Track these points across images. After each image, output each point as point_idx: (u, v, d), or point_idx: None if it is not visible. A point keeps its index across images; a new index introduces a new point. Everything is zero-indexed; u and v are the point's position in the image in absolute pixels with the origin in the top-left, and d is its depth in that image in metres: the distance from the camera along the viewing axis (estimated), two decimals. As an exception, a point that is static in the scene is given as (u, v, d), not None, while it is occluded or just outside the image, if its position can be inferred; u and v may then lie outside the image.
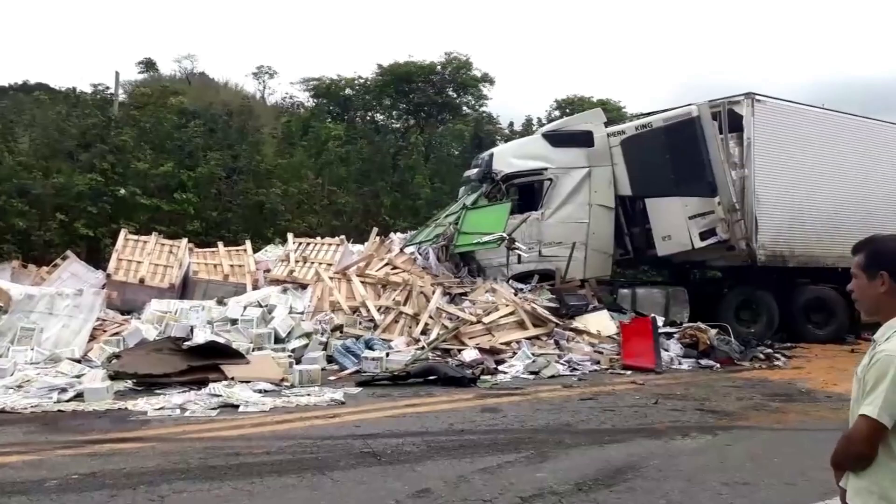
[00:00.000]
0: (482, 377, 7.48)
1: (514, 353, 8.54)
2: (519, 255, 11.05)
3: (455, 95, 32.80)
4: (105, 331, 8.40)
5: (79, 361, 7.52)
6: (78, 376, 6.84)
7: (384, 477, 4.21)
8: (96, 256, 12.22)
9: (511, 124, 25.39)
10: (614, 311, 10.64)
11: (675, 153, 11.37)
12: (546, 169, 11.84)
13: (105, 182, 13.57)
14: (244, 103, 22.27)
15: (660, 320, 9.78)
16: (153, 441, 5.01)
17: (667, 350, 9.21)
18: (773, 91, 26.51)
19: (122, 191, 13.69)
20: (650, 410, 6.32)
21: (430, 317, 9.35)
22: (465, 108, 32.57)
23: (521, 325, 9.33)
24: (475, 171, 12.57)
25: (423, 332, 9.11)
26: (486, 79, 32.50)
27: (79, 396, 6.21)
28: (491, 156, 12.33)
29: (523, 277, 11.16)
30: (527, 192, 12.14)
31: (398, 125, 31.67)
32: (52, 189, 13.15)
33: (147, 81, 34.51)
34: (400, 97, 32.37)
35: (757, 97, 11.47)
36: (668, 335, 9.75)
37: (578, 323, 9.75)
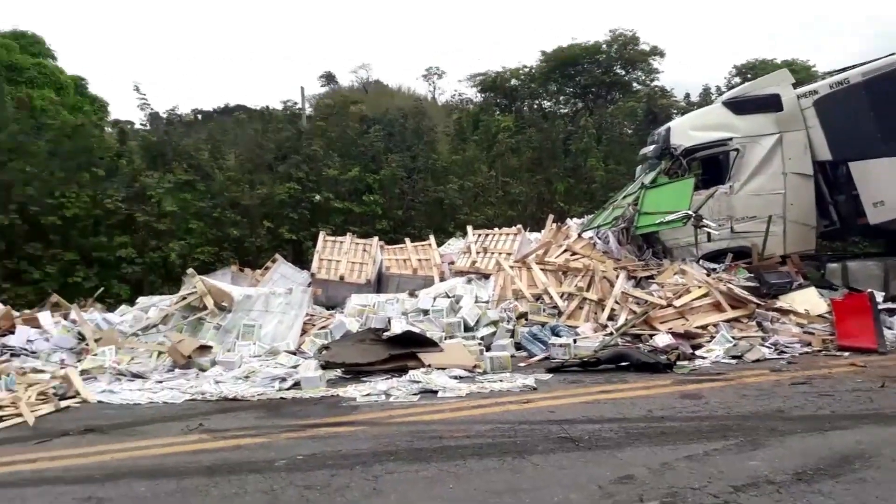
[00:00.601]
0: (678, 363, 7.18)
1: (712, 337, 8.10)
2: (708, 233, 10.47)
3: (623, 73, 31.70)
4: (314, 325, 9.18)
5: (294, 353, 8.30)
6: (294, 367, 7.56)
7: (584, 462, 4.20)
8: (301, 258, 13.37)
9: (687, 96, 23.96)
10: (823, 287, 9.75)
11: (879, 109, 10.17)
12: (730, 139, 11.11)
13: (302, 190, 14.76)
14: (417, 105, 23.08)
15: (878, 295, 8.82)
16: (363, 425, 5.36)
17: (890, 328, 8.28)
18: None
19: (318, 197, 14.82)
20: (876, 395, 5.70)
21: (616, 302, 9.16)
22: (635, 84, 31.38)
23: (716, 307, 8.84)
24: (652, 147, 12.08)
25: (610, 318, 8.94)
26: (656, 52, 31.09)
27: (296, 385, 6.83)
28: (668, 130, 11.77)
29: (715, 256, 10.57)
30: (711, 166, 11.49)
31: (566, 110, 31.18)
32: (257, 199, 14.55)
33: (329, 94, 37.01)
34: (566, 81, 31.88)
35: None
36: (891, 311, 8.76)
37: (783, 302, 9.03)
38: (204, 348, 8.21)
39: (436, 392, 6.29)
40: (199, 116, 32.70)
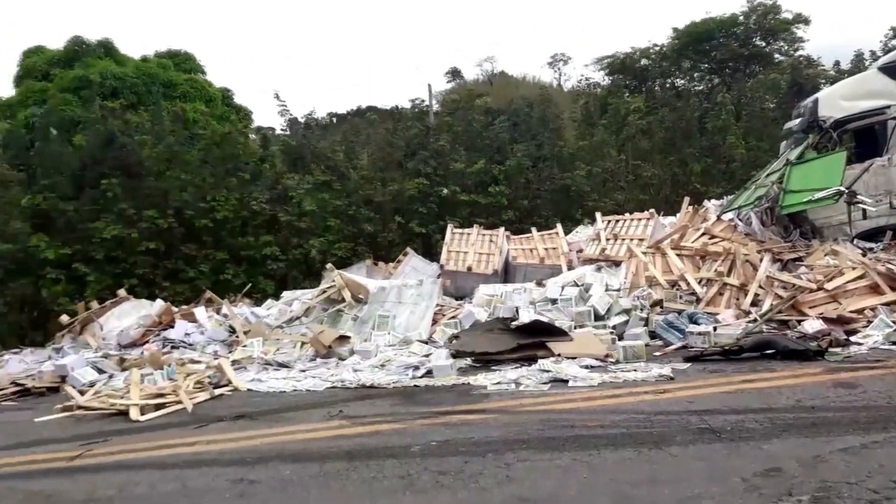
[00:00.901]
0: (830, 349, 6.62)
1: (869, 322, 7.40)
2: (864, 210, 9.58)
3: (764, 44, 29.75)
4: (444, 315, 9.35)
5: (426, 342, 8.50)
6: (426, 355, 7.73)
7: (727, 454, 3.99)
8: (430, 251, 13.66)
9: (837, 64, 22.04)
10: None
11: None
12: (888, 107, 10.08)
13: (430, 184, 15.07)
14: (542, 93, 22.85)
15: None
16: (495, 413, 5.39)
17: None
18: None
19: (445, 190, 15.06)
20: None
21: (760, 286, 8.60)
22: (776, 55, 29.35)
23: (874, 289, 8.06)
24: (798, 121, 11.22)
25: (754, 304, 8.41)
26: (799, 19, 28.92)
27: (429, 373, 6.98)
28: (815, 101, 10.87)
29: (872, 235, 9.66)
30: (865, 138, 10.50)
31: (701, 87, 29.71)
32: (389, 196, 15.02)
33: (455, 89, 37.48)
34: (700, 58, 30.37)
35: None
36: None
37: (952, 283, 8.11)
38: (343, 338, 8.60)
39: (566, 381, 6.20)
40: (335, 119, 34.22)
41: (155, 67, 23.15)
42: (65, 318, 10.64)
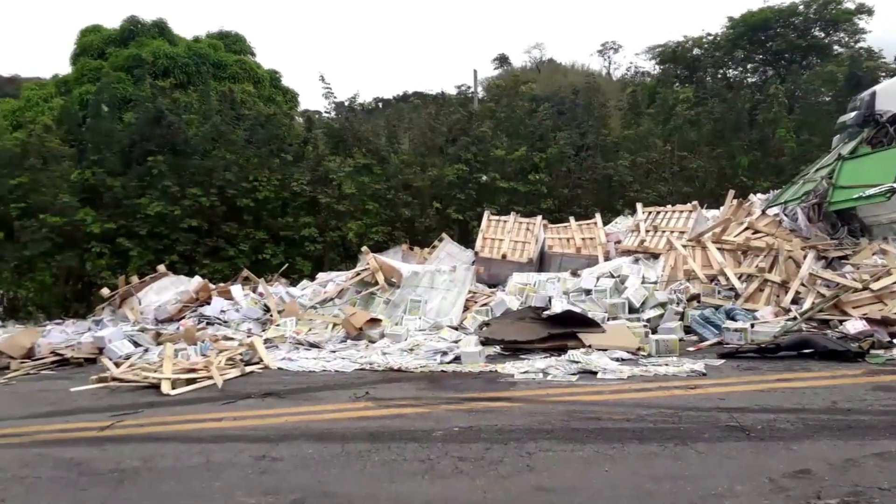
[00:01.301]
0: (872, 351, 6.38)
1: (917, 325, 7.12)
2: (918, 209, 9.19)
3: (823, 35, 28.69)
4: (476, 302, 9.32)
5: (456, 329, 8.49)
6: (456, 341, 7.73)
7: (755, 453, 3.87)
8: (466, 237, 13.62)
9: (899, 56, 21.13)
10: None
11: None
12: (951, 102, 9.64)
13: (469, 171, 14.97)
14: (589, 81, 22.43)
15: None
16: (520, 402, 5.34)
17: None
18: None
19: (484, 177, 14.96)
20: None
21: (802, 284, 8.34)
22: (836, 47, 28.30)
23: (924, 291, 7.75)
24: (853, 114, 10.80)
25: (794, 302, 8.17)
26: (862, 10, 27.80)
27: (457, 359, 6.97)
28: (873, 95, 10.45)
29: (925, 235, 9.26)
30: (924, 134, 10.05)
31: (754, 79, 28.86)
32: (428, 181, 14.98)
33: (502, 76, 37.18)
34: (755, 48, 29.48)
35: None
36: None
37: None
38: (374, 321, 8.64)
39: (595, 373, 6.11)
40: (381, 105, 34.30)
41: (206, 48, 23.47)
42: (105, 291, 10.94)
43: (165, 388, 6.29)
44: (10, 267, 12.95)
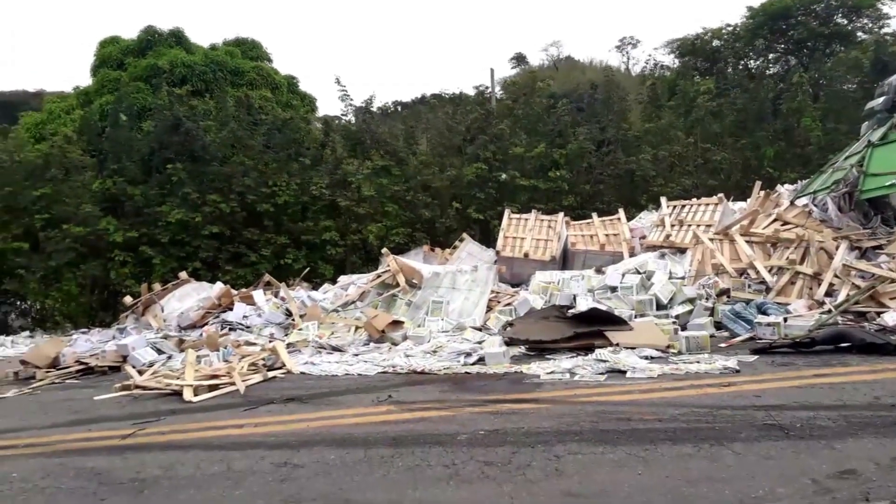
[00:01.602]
0: (914, 343, 6.15)
1: (959, 315, 6.86)
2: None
3: (846, 22, 28.15)
4: (499, 301, 9.19)
5: (479, 329, 8.36)
6: (479, 342, 7.60)
7: (795, 453, 3.69)
8: (487, 236, 13.50)
9: (927, 40, 20.62)
10: None
11: None
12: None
13: (489, 169, 14.85)
14: (607, 75, 22.19)
15: None
16: (547, 403, 5.20)
17: None
18: None
19: (504, 175, 14.83)
20: None
21: (836, 275, 8.09)
22: (860, 33, 27.74)
23: (965, 280, 7.47)
24: (881, 100, 10.53)
25: (828, 294, 7.93)
26: (886, -7, 27.20)
27: (481, 360, 6.83)
28: (902, 78, 10.17)
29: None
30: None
31: (776, 68, 28.38)
32: (447, 181, 14.89)
33: (519, 74, 36.99)
34: (776, 38, 29.00)
35: None
36: None
37: None
38: (396, 323, 8.54)
39: (624, 372, 5.95)
40: (399, 108, 34.22)
41: (223, 55, 23.60)
42: (128, 300, 10.99)
43: (188, 394, 6.24)
44: (37, 278, 13.08)
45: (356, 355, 7.76)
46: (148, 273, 13.00)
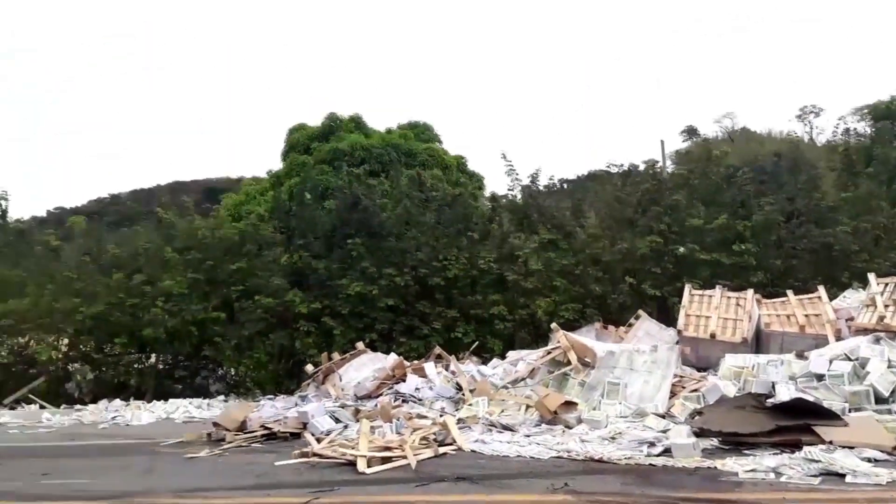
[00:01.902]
0: None
1: None
2: None
3: None
4: (684, 387, 8.46)
5: (662, 416, 7.70)
6: (664, 431, 6.97)
7: None
8: (665, 315, 12.67)
9: None
10: None
11: None
12: None
13: (664, 242, 14.13)
14: (791, 144, 20.71)
15: None
16: (750, 506, 4.59)
17: None
18: None
19: (682, 249, 14.01)
20: None
21: None
22: None
23: None
24: None
25: None
26: None
27: (666, 451, 6.24)
28: None
29: None
30: None
31: None
32: (618, 255, 14.34)
33: (691, 147, 35.75)
34: None
35: None
36: None
37: None
38: (569, 404, 8.13)
39: (842, 476, 5.14)
40: (565, 185, 34.13)
41: (397, 138, 25.05)
42: (309, 368, 11.48)
43: (361, 465, 6.25)
44: (232, 345, 14.13)
45: (528, 436, 7.44)
46: (329, 343, 13.58)
